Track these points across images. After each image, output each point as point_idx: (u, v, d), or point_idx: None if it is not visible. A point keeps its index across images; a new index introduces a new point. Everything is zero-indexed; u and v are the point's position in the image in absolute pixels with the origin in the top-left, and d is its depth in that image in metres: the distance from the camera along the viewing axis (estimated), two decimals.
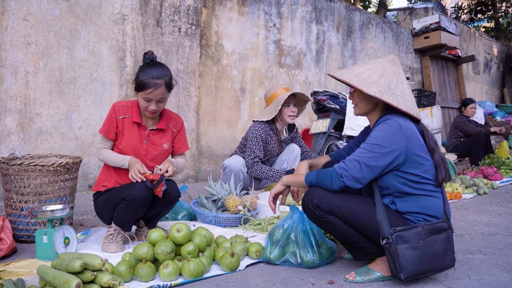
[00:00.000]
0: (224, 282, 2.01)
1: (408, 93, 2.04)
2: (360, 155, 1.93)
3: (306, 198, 2.03)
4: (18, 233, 2.61)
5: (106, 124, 2.47)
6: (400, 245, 1.86)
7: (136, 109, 2.50)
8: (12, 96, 3.51)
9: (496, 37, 14.39)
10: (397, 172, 1.95)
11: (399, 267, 1.86)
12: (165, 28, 4.51)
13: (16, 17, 3.50)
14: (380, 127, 1.97)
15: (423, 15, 9.15)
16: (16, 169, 2.57)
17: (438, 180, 1.97)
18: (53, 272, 1.76)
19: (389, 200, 2.00)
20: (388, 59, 2.10)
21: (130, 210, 2.36)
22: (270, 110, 3.56)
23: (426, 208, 1.95)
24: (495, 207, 3.92)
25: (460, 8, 15.70)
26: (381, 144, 1.91)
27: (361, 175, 1.91)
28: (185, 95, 4.71)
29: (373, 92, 1.97)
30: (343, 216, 1.96)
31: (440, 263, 1.93)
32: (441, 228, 1.94)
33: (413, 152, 1.94)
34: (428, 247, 1.90)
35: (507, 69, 12.69)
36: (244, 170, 3.49)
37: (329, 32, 6.62)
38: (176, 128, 2.64)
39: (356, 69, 2.07)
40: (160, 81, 2.37)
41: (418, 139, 1.98)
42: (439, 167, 1.98)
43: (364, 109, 2.12)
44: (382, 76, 2.02)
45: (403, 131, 1.93)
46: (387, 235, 1.87)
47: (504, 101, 12.15)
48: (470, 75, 10.75)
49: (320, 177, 1.99)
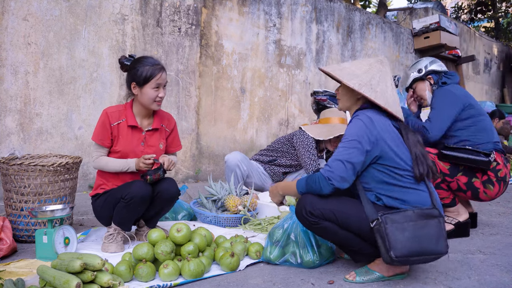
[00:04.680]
0: (224, 282, 2.01)
1: (391, 92, 2.07)
2: (341, 154, 1.95)
3: (298, 206, 2.04)
4: (18, 233, 2.61)
5: (99, 131, 2.44)
6: (389, 225, 1.86)
7: (130, 112, 2.50)
8: (12, 96, 3.51)
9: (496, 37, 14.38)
10: (375, 165, 1.97)
11: (389, 246, 1.83)
12: (165, 28, 4.51)
13: (16, 17, 3.50)
14: (352, 123, 2.01)
15: (423, 15, 9.14)
16: (16, 169, 2.57)
17: (416, 173, 1.97)
18: (53, 272, 1.76)
19: (373, 195, 2.00)
20: (376, 59, 2.15)
21: (130, 209, 2.36)
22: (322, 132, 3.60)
23: (412, 201, 1.95)
24: (495, 207, 3.92)
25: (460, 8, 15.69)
26: (357, 139, 1.94)
27: (346, 173, 1.93)
28: (185, 95, 4.71)
29: (352, 84, 2.01)
30: (337, 219, 1.97)
31: (432, 247, 1.89)
32: (431, 214, 1.92)
33: (388, 143, 1.96)
34: (419, 229, 1.87)
35: (507, 69, 12.68)
36: (241, 166, 3.50)
37: (329, 32, 6.62)
38: (169, 128, 2.64)
39: (343, 64, 2.14)
40: (161, 65, 2.46)
41: (393, 132, 2.01)
42: (416, 161, 1.98)
43: (346, 104, 2.16)
44: (366, 72, 2.06)
45: (374, 124, 1.97)
46: (375, 216, 1.88)
47: (504, 101, 12.14)
48: (470, 75, 10.75)
49: (309, 184, 2.00)
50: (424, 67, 3.13)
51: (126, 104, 2.54)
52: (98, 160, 2.46)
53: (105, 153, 2.48)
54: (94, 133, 2.46)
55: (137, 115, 2.51)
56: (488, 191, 2.78)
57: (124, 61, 2.49)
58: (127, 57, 2.51)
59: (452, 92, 2.96)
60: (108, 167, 2.44)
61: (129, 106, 2.52)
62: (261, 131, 5.62)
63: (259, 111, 5.57)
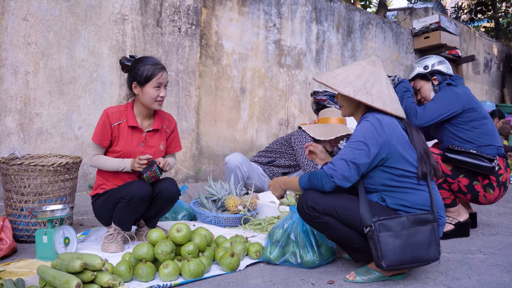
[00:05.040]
0: (224, 282, 2.01)
1: (387, 92, 2.07)
2: (346, 153, 1.96)
3: (300, 201, 2.06)
4: (18, 233, 2.61)
5: (99, 132, 2.44)
6: (382, 232, 1.87)
7: (131, 113, 2.50)
8: (12, 96, 3.51)
9: (496, 37, 14.38)
10: (382, 167, 1.97)
11: (381, 255, 1.86)
12: (165, 28, 4.51)
13: (16, 17, 3.50)
14: (360, 125, 2.02)
15: (423, 15, 9.14)
16: (16, 169, 2.57)
17: (419, 172, 1.98)
18: (53, 272, 1.76)
19: (378, 196, 2.01)
20: (368, 61, 2.16)
21: (130, 209, 2.36)
22: (323, 132, 3.60)
23: (415, 202, 1.97)
24: (495, 207, 3.92)
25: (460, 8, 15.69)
26: (363, 141, 1.95)
27: (349, 173, 1.94)
28: (185, 95, 4.71)
29: (347, 92, 2.03)
30: (338, 215, 1.98)
31: (423, 254, 1.92)
32: (426, 219, 1.94)
33: (395, 146, 1.96)
34: (411, 237, 1.89)
35: (507, 69, 12.68)
36: (242, 167, 3.50)
37: (329, 32, 6.62)
38: (170, 129, 2.64)
39: (336, 71, 2.15)
40: (161, 65, 2.47)
41: (401, 134, 2.01)
42: (421, 161, 1.99)
43: (348, 110, 2.17)
44: (359, 76, 2.08)
45: (383, 127, 1.97)
46: (369, 223, 1.89)
47: (504, 101, 12.14)
48: (470, 75, 10.75)
49: (311, 180, 2.02)
50: (431, 65, 3.08)
51: (127, 104, 2.54)
52: (95, 158, 2.46)
53: (102, 152, 2.49)
54: (95, 133, 2.46)
55: (138, 115, 2.52)
56: (488, 195, 2.78)
57: (125, 62, 2.50)
58: (128, 58, 2.52)
59: (456, 92, 2.96)
60: (105, 166, 2.44)
61: (130, 106, 2.52)
62: (261, 131, 5.62)
63: (259, 111, 5.57)
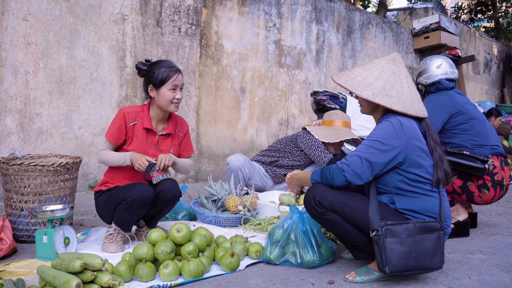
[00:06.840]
0: (224, 282, 2.01)
1: (407, 92, 2.03)
2: (361, 151, 1.94)
3: (308, 195, 2.04)
4: (18, 233, 2.61)
5: (115, 131, 2.45)
6: (388, 238, 1.86)
7: (147, 115, 2.51)
8: (12, 96, 3.51)
9: (496, 37, 14.38)
10: (397, 170, 1.95)
11: (385, 261, 1.85)
12: (165, 28, 4.51)
13: (16, 17, 3.50)
14: (382, 124, 1.98)
15: (423, 15, 9.14)
16: (16, 169, 2.57)
17: (433, 178, 1.97)
18: (53, 272, 1.76)
19: (388, 198, 2.00)
20: (388, 58, 2.10)
21: (131, 211, 2.36)
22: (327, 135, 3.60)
23: (424, 208, 1.95)
24: (495, 207, 3.92)
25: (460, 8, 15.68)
26: (381, 141, 1.93)
27: (361, 170, 1.91)
28: (185, 95, 4.71)
29: (366, 95, 1.99)
30: (345, 213, 1.97)
31: (427, 262, 1.91)
32: (433, 227, 1.93)
33: (413, 151, 1.94)
34: (417, 244, 1.89)
35: (507, 69, 12.68)
36: (244, 169, 3.49)
37: (329, 32, 6.62)
38: (182, 133, 2.67)
39: (354, 71, 2.09)
40: (177, 67, 2.49)
41: (419, 139, 1.98)
42: (436, 167, 1.98)
43: (368, 108, 2.13)
44: (378, 77, 2.02)
45: (404, 130, 1.94)
46: (376, 227, 1.88)
47: (504, 101, 12.13)
48: (470, 75, 10.75)
49: (323, 174, 2.01)
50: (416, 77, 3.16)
51: (143, 105, 2.55)
52: (101, 153, 2.46)
53: (111, 148, 2.49)
54: (109, 131, 2.46)
55: (153, 118, 2.54)
56: (483, 195, 2.78)
57: (141, 66, 2.53)
58: (144, 62, 2.55)
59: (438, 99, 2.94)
60: (108, 160, 2.44)
61: (146, 108, 2.54)
62: (261, 131, 5.62)
63: (259, 111, 5.57)
